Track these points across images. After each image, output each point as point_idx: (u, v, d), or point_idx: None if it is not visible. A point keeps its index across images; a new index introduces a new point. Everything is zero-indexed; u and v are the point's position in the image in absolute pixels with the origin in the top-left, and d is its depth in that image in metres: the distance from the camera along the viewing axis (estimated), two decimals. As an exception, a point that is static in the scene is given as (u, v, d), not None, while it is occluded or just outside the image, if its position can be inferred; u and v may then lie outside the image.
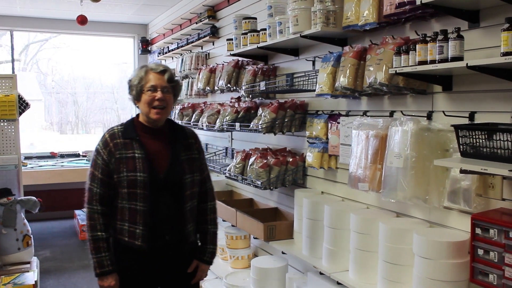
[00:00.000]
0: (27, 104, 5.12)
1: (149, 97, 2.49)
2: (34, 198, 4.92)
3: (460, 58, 2.16)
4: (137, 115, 2.64)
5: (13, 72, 8.05)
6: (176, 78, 2.61)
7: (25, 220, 4.84)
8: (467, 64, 2.06)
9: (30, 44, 16.63)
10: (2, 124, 4.95)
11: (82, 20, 6.64)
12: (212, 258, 2.74)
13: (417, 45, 2.35)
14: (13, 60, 8.26)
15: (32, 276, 4.33)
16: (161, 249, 2.53)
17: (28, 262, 4.74)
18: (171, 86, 2.56)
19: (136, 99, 2.57)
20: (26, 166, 6.92)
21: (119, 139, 2.51)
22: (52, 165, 7.20)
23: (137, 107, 2.61)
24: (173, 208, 2.53)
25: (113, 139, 2.51)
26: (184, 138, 2.65)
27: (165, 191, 2.50)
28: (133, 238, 2.48)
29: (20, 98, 5.04)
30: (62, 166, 7.19)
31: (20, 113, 5.06)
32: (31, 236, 4.85)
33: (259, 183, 3.72)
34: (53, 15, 7.76)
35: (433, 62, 2.26)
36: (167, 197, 2.51)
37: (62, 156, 8.03)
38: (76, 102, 19.01)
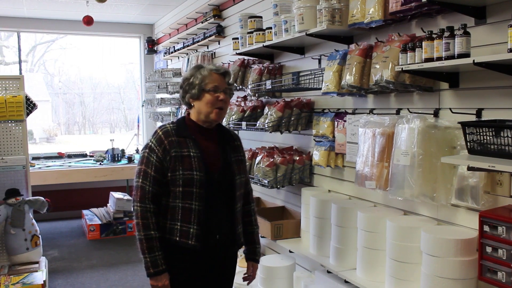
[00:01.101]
0: (34, 105, 5.14)
1: (212, 97, 2.48)
2: (42, 198, 4.94)
3: (467, 55, 2.15)
4: (188, 114, 2.61)
5: (20, 73, 8.09)
6: (232, 81, 2.64)
7: (33, 220, 4.86)
8: (474, 60, 2.05)
9: (37, 45, 16.72)
10: (10, 124, 4.97)
11: (88, 20, 6.66)
12: (260, 256, 2.82)
13: (423, 42, 2.34)
14: (20, 61, 8.30)
15: (40, 276, 4.36)
16: (212, 248, 2.51)
17: (37, 262, 4.76)
18: (230, 88, 2.58)
19: (196, 98, 2.52)
20: (34, 166, 6.95)
21: (173, 137, 2.48)
22: (60, 166, 7.23)
23: (192, 106, 2.56)
24: (225, 208, 2.54)
25: (167, 137, 2.48)
26: (232, 140, 2.67)
27: (219, 191, 2.51)
28: (186, 237, 2.44)
29: (27, 99, 5.06)
30: (69, 166, 7.21)
31: (28, 114, 5.08)
32: (40, 236, 4.87)
33: (266, 182, 3.72)
34: (59, 16, 7.79)
35: (439, 59, 2.25)
36: (220, 197, 2.52)
37: (70, 156, 8.06)
38: (83, 103, 19.11)
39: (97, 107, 19.50)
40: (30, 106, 5.10)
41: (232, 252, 2.66)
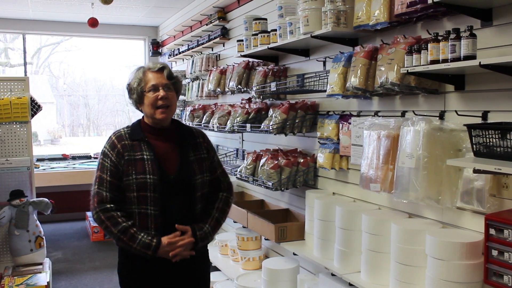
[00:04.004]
0: (39, 106, 5.17)
1: (151, 98, 2.42)
2: (46, 199, 4.95)
3: (473, 57, 2.14)
4: (143, 117, 2.57)
5: (25, 75, 8.13)
6: (175, 74, 2.54)
7: (38, 222, 4.87)
8: (480, 62, 2.04)
9: (42, 47, 16.83)
10: (14, 126, 4.99)
11: (93, 22, 6.69)
12: (203, 241, 2.49)
13: (429, 44, 2.33)
14: (25, 63, 8.34)
15: (44, 277, 4.36)
16: None
17: (41, 263, 4.78)
18: (172, 83, 2.49)
19: (139, 102, 2.50)
20: (38, 168, 6.97)
21: (127, 141, 2.44)
22: (64, 167, 7.25)
23: (141, 110, 2.53)
24: (184, 210, 2.46)
25: (120, 141, 2.45)
26: (192, 138, 2.59)
27: (176, 193, 2.43)
28: None
29: (32, 101, 5.08)
30: (73, 168, 7.23)
31: (32, 116, 5.11)
32: (43, 237, 4.88)
33: (270, 184, 3.71)
34: (64, 18, 7.82)
35: (445, 61, 2.24)
36: (178, 199, 2.44)
37: (74, 158, 8.09)
38: (88, 105, 19.20)
39: (102, 109, 19.58)
40: (35, 107, 5.12)
41: (194, 255, 2.49)
